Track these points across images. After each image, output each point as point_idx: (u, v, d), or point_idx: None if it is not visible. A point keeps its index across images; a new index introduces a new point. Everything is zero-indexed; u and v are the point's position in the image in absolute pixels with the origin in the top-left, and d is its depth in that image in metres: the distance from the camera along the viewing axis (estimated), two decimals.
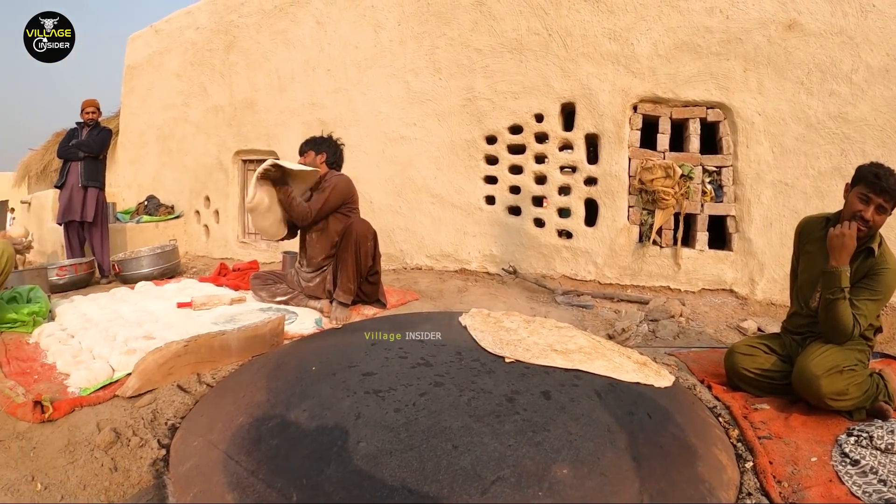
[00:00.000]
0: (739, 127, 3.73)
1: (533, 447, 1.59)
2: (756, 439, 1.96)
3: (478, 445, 1.59)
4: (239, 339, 2.64)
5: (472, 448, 1.57)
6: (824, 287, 2.16)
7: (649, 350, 2.89)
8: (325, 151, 3.72)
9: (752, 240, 3.67)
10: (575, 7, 4.20)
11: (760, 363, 2.32)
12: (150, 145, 7.83)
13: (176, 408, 2.23)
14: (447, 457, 1.54)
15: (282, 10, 5.84)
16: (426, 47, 4.87)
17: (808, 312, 2.33)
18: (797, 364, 2.15)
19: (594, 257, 4.12)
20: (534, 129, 4.42)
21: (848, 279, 2.10)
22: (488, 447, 1.58)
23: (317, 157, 3.70)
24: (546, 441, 1.62)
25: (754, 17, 3.67)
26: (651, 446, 1.70)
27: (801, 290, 2.40)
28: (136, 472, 1.84)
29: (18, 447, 1.97)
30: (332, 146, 3.77)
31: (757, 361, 2.33)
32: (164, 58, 7.41)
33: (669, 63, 3.91)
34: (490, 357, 2.17)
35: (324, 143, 3.75)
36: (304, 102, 5.74)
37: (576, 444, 1.63)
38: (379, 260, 3.61)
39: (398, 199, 5.08)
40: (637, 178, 3.97)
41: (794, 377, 2.16)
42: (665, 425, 1.84)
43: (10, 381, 2.45)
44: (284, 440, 1.73)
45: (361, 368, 2.08)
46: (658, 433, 1.78)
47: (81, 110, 5.43)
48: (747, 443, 1.98)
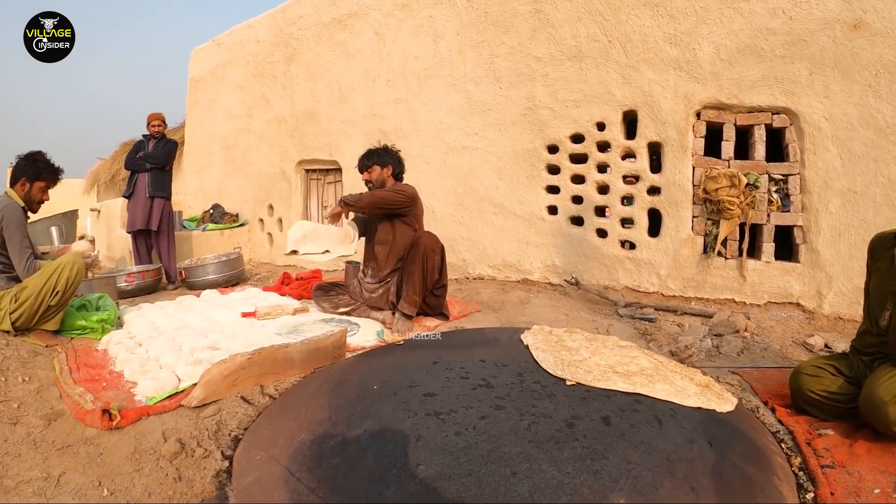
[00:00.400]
0: (806, 133, 4.00)
1: (591, 475, 1.71)
2: (818, 468, 2.05)
3: (536, 472, 1.72)
4: (302, 352, 2.92)
5: (531, 475, 1.71)
6: (894, 306, 2.26)
7: (712, 367, 3.18)
8: (389, 163, 4.08)
9: (820, 251, 3.95)
10: (634, 12, 4.55)
11: (827, 385, 2.40)
12: (215, 155, 8.73)
13: (239, 419, 2.47)
14: (505, 483, 1.68)
15: (340, 22, 6.49)
16: (485, 56, 5.36)
17: (879, 331, 2.40)
18: (864, 388, 2.22)
19: (657, 269, 4.50)
20: (595, 138, 4.83)
21: None
22: (546, 474, 1.71)
23: (383, 171, 4.06)
24: (604, 469, 1.74)
25: (818, 17, 3.91)
26: (710, 477, 1.80)
27: (871, 308, 2.48)
28: (199, 482, 2.04)
29: (86, 452, 2.21)
30: (394, 156, 4.12)
31: (823, 383, 2.41)
32: (226, 70, 8.28)
33: (732, 67, 4.20)
34: (551, 379, 2.36)
35: (385, 154, 4.10)
36: (364, 113, 6.37)
37: (634, 473, 1.73)
38: (446, 273, 3.95)
39: (460, 209, 5.59)
40: (701, 187, 4.30)
41: (860, 402, 2.22)
42: (725, 454, 1.93)
43: (80, 388, 2.75)
44: (345, 460, 1.89)
45: (423, 389, 2.29)
46: (718, 462, 1.87)
47: (147, 123, 6.31)
48: (809, 472, 2.06)
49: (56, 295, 3.37)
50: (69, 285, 3.42)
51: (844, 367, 2.46)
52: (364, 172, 4.10)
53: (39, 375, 2.92)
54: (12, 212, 3.44)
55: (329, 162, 6.95)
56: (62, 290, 3.38)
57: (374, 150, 4.12)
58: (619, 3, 4.59)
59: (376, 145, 4.17)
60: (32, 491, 1.96)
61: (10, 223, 3.41)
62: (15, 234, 3.42)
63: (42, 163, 3.61)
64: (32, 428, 2.38)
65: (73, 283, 3.45)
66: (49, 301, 3.36)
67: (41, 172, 3.60)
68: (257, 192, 7.93)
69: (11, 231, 3.41)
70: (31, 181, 3.56)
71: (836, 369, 2.45)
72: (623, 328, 3.97)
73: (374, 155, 4.08)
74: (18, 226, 3.45)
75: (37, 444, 2.26)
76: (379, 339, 3.52)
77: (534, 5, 5.02)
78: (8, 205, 3.46)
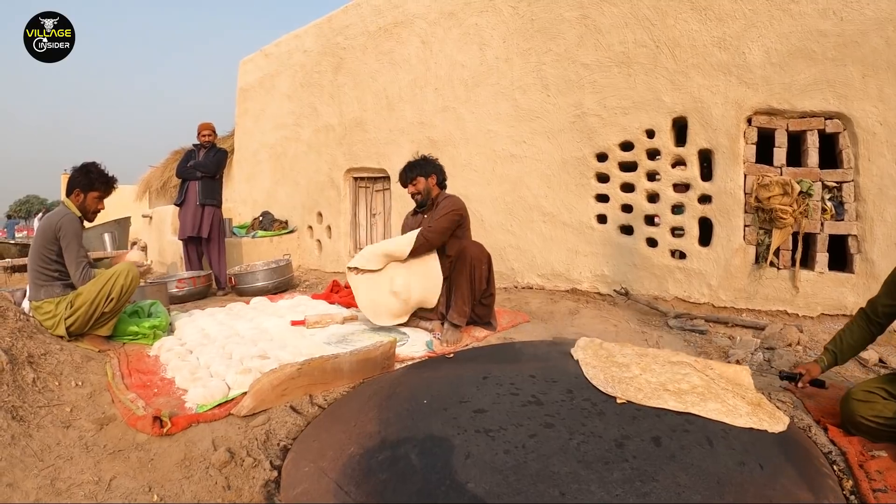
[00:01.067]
0: (860, 138, 4.20)
1: (640, 497, 1.80)
2: (870, 492, 2.10)
3: (585, 493, 1.81)
4: (351, 363, 3.09)
5: (579, 496, 1.81)
6: None
7: (764, 382, 3.34)
8: (433, 173, 4.39)
9: (875, 261, 4.14)
10: (682, 16, 4.82)
11: (879, 410, 2.43)
12: (264, 163, 9.39)
13: (288, 429, 2.61)
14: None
15: (386, 31, 6.98)
16: (532, 64, 5.72)
17: None
18: None
19: (708, 279, 4.77)
20: (645, 146, 5.14)
21: None
22: (595, 496, 1.80)
23: (428, 181, 4.37)
24: (653, 492, 1.83)
25: (870, 18, 4.10)
26: (761, 500, 1.87)
27: None
28: (248, 491, 2.15)
29: (137, 458, 2.36)
30: (436, 165, 4.42)
31: (875, 409, 2.44)
32: (274, 80, 8.94)
33: (783, 71, 4.43)
34: (601, 396, 2.49)
35: (426, 164, 4.39)
36: (412, 121, 6.85)
37: (684, 496, 1.82)
38: (493, 282, 4.21)
39: (509, 218, 5.96)
40: (753, 195, 4.53)
41: None
42: (776, 477, 1.99)
43: (132, 394, 2.95)
44: (394, 475, 1.99)
45: (472, 405, 2.45)
46: (769, 485, 1.94)
47: (198, 133, 6.87)
48: (861, 495, 2.11)
49: (110, 302, 3.75)
50: (123, 293, 3.80)
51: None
52: (409, 185, 4.42)
53: (92, 380, 3.16)
54: (69, 222, 3.83)
55: (377, 170, 7.47)
56: (116, 297, 3.76)
57: (415, 163, 4.42)
58: (666, 8, 4.89)
59: (415, 157, 4.48)
60: (84, 494, 2.11)
61: (67, 233, 3.80)
62: (72, 244, 3.80)
63: (95, 173, 4.03)
64: (85, 432, 2.57)
65: (127, 290, 3.82)
66: (103, 308, 3.74)
67: (94, 183, 4.02)
68: (306, 199, 8.50)
69: (69, 240, 3.80)
70: (84, 192, 4.00)
71: (889, 393, 2.49)
72: (673, 340, 4.23)
73: (417, 167, 4.39)
74: (75, 235, 3.83)
75: (89, 448, 2.44)
76: (428, 350, 3.76)
77: (580, 11, 5.37)
78: (66, 215, 3.86)
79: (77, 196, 3.98)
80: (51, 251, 3.80)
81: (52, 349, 3.35)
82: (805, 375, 2.89)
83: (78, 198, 3.98)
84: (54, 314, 3.71)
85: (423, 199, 4.41)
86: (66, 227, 3.81)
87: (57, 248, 3.80)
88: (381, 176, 7.55)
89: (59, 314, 3.70)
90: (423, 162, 4.41)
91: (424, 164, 4.39)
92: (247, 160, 9.95)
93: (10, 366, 2.82)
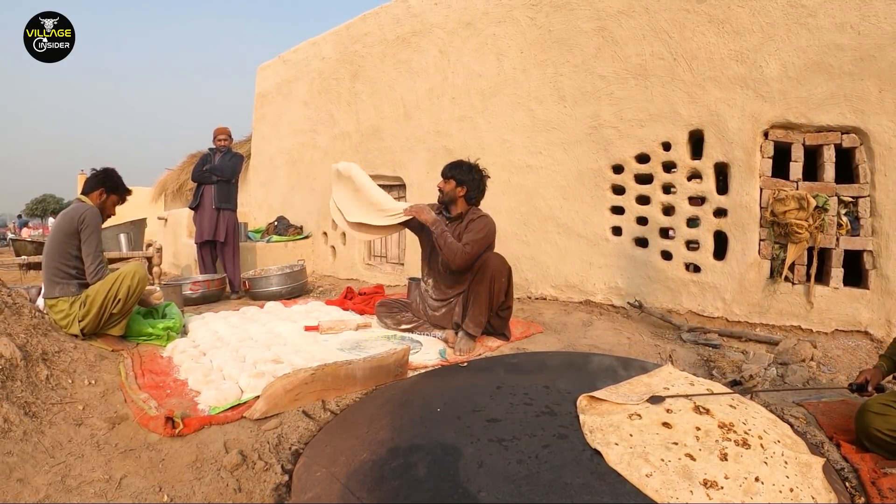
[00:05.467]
0: (876, 153, 4.19)
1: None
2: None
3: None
4: (364, 369, 3.11)
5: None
6: None
7: (777, 397, 3.36)
8: (466, 185, 4.26)
9: (890, 277, 4.13)
10: (699, 29, 4.85)
11: (895, 424, 2.43)
12: (280, 168, 9.51)
13: (300, 433, 2.63)
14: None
15: (404, 40, 7.07)
16: (549, 74, 5.77)
17: None
18: None
19: (722, 293, 4.77)
20: (661, 158, 5.16)
21: None
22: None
23: (457, 189, 4.27)
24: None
25: (888, 32, 4.10)
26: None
27: None
28: (258, 494, 2.17)
29: (148, 458, 2.38)
30: (476, 181, 4.30)
31: (891, 422, 2.44)
32: (292, 86, 9.07)
33: (800, 85, 4.44)
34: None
35: (469, 173, 4.27)
36: (429, 130, 6.91)
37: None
38: (512, 295, 4.22)
39: (524, 228, 6.00)
40: (769, 209, 4.54)
41: None
42: None
43: (144, 394, 2.99)
44: (405, 482, 2.01)
45: (486, 414, 2.47)
46: None
47: (214, 137, 6.99)
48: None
49: (118, 303, 3.80)
50: (130, 294, 3.84)
51: None
52: (444, 180, 4.33)
53: (105, 379, 3.20)
54: (94, 216, 3.93)
55: (393, 178, 7.55)
56: (123, 298, 3.81)
57: (462, 165, 4.31)
58: (684, 21, 4.91)
59: (470, 161, 4.37)
60: (94, 492, 2.12)
61: (90, 224, 3.89)
62: (93, 237, 3.89)
63: (119, 179, 4.21)
64: (96, 430, 2.60)
65: (133, 292, 3.87)
66: (111, 309, 3.80)
67: (118, 188, 4.19)
68: (321, 205, 8.58)
69: (90, 232, 3.88)
70: (108, 193, 4.14)
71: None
72: (686, 354, 4.24)
73: (458, 170, 4.29)
74: (96, 229, 3.93)
75: (100, 446, 2.46)
76: (441, 359, 3.78)
77: (597, 23, 5.41)
78: (90, 208, 3.95)
79: (100, 195, 4.10)
80: (72, 245, 3.87)
81: (66, 347, 3.40)
82: (871, 380, 2.81)
83: (100, 197, 4.10)
84: (68, 313, 3.78)
85: (444, 200, 4.36)
86: (90, 220, 3.90)
87: (77, 242, 3.87)
88: (396, 184, 7.60)
89: (74, 313, 3.76)
90: (467, 169, 4.30)
91: (466, 173, 4.28)
92: (263, 165, 10.08)
93: (24, 362, 2.86)
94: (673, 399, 2.59)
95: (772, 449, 2.26)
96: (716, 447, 2.19)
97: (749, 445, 2.23)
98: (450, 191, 4.29)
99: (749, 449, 2.21)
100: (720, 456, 2.13)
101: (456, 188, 4.28)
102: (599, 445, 2.20)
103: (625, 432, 2.29)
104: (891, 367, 2.86)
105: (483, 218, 4.24)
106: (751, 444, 2.25)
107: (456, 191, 4.28)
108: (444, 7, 6.72)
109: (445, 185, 4.30)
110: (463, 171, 4.27)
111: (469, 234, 4.13)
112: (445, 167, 4.35)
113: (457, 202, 4.33)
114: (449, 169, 4.32)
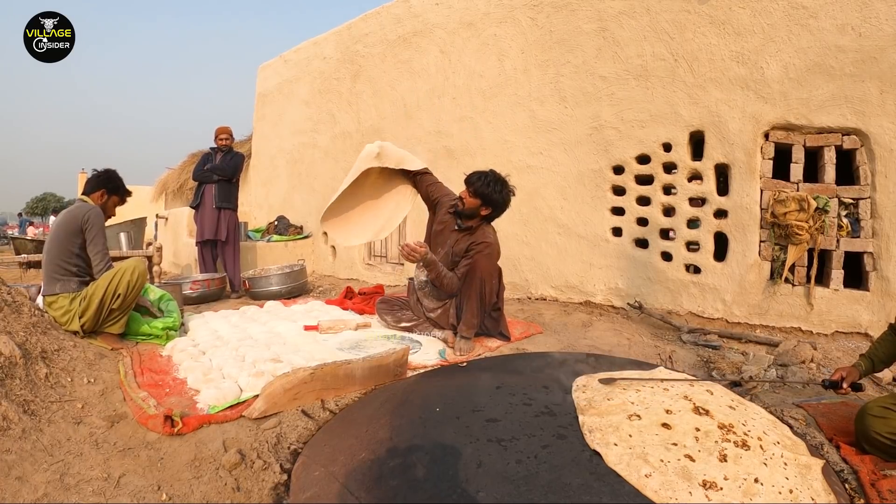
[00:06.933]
0: (877, 155, 4.19)
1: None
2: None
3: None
4: (364, 369, 3.11)
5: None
6: None
7: (777, 399, 3.34)
8: (490, 206, 4.05)
9: (891, 279, 4.13)
10: (700, 30, 4.85)
11: (895, 427, 2.42)
12: (281, 168, 9.52)
13: (299, 433, 2.63)
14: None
15: (405, 41, 7.07)
16: (550, 75, 5.77)
17: None
18: None
19: (722, 294, 4.77)
20: (662, 159, 5.15)
21: None
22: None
23: (481, 209, 4.06)
24: None
25: (889, 34, 4.10)
26: None
27: None
28: (257, 493, 2.18)
29: (147, 456, 2.38)
30: (501, 202, 4.06)
31: (891, 425, 2.43)
32: (293, 86, 9.08)
33: (801, 86, 4.44)
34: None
35: (499, 197, 4.02)
36: (430, 130, 6.92)
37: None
38: (503, 296, 4.25)
39: (524, 229, 6.00)
40: (769, 210, 4.54)
41: None
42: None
43: (143, 392, 2.99)
44: (404, 482, 2.02)
45: (485, 414, 2.49)
46: None
47: (215, 136, 6.98)
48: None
49: (118, 298, 3.80)
50: (130, 289, 3.84)
51: None
52: (469, 189, 4.04)
53: (104, 377, 3.18)
54: (97, 216, 3.98)
55: None
56: (123, 293, 3.81)
57: (494, 185, 4.02)
58: (685, 22, 4.91)
59: (502, 175, 4.12)
60: (93, 490, 2.12)
61: (94, 225, 3.93)
62: (99, 236, 3.93)
63: (120, 180, 4.25)
64: (95, 428, 2.59)
65: (133, 287, 3.87)
66: (112, 305, 3.80)
67: (119, 189, 4.24)
68: (322, 205, 8.51)
69: (95, 232, 3.92)
70: (109, 194, 4.18)
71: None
72: (686, 355, 4.23)
73: (489, 188, 4.00)
74: (101, 229, 3.97)
75: (99, 445, 2.45)
76: (440, 359, 3.77)
77: (598, 24, 5.41)
78: (93, 208, 3.99)
79: (102, 196, 4.14)
80: (74, 243, 3.90)
81: (66, 345, 3.39)
82: (847, 377, 2.81)
83: (102, 198, 4.14)
84: (68, 309, 3.78)
85: (463, 212, 4.13)
86: (94, 220, 3.94)
87: (80, 241, 3.90)
88: None
89: (74, 310, 3.77)
90: (498, 191, 4.02)
91: (492, 193, 4.00)
92: (264, 165, 10.09)
93: (24, 360, 2.84)
94: (649, 390, 2.71)
95: (771, 450, 2.27)
96: (715, 448, 2.20)
97: (748, 446, 2.24)
98: (473, 208, 4.07)
99: (748, 450, 2.22)
100: (720, 457, 2.15)
101: (480, 207, 4.07)
102: (599, 446, 2.23)
103: (624, 433, 2.31)
104: (869, 367, 2.85)
105: (491, 246, 4.06)
106: (750, 445, 2.26)
107: (479, 210, 4.08)
108: (445, 7, 6.73)
109: (470, 199, 4.05)
110: (494, 191, 4.00)
111: (474, 252, 4.05)
112: (474, 176, 4.05)
113: (475, 218, 4.17)
114: (480, 184, 4.00)
